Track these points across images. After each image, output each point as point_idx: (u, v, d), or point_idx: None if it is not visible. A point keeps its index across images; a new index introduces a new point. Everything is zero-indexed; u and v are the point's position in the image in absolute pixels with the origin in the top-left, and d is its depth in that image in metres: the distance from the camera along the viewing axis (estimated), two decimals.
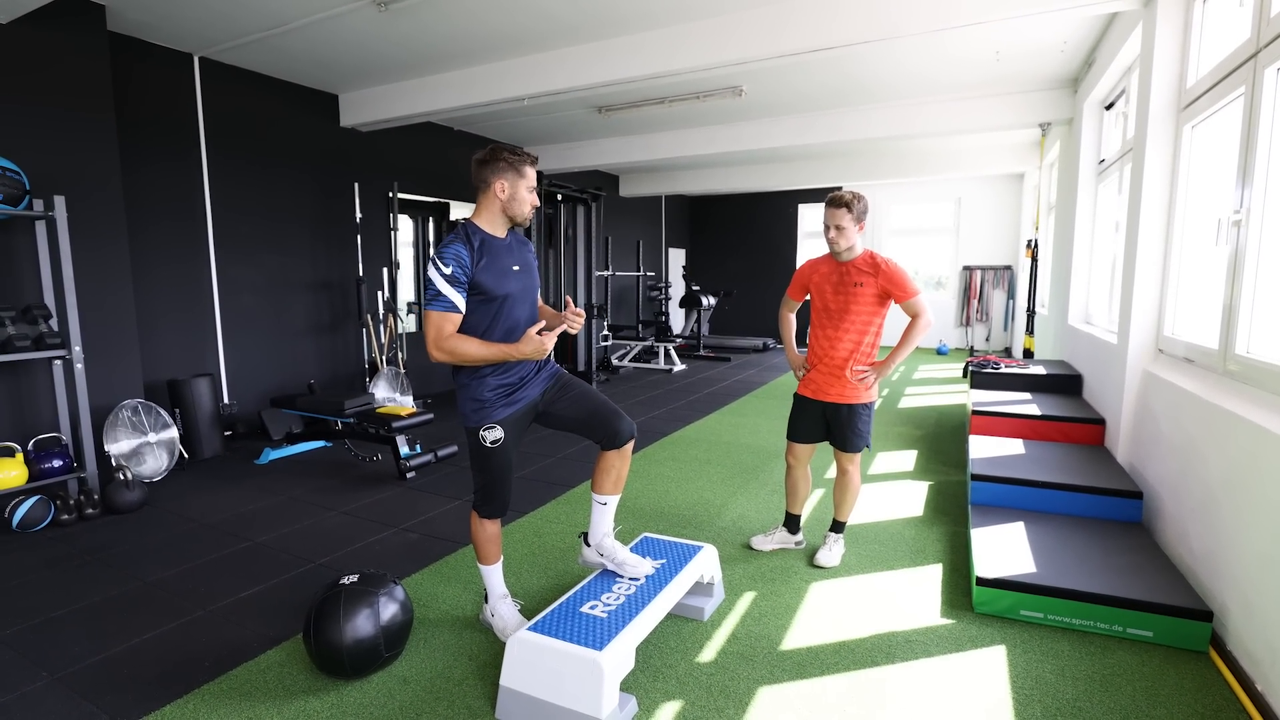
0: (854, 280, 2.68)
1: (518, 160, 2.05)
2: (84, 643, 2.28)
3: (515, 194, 2.06)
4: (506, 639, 2.19)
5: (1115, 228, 4.52)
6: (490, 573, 2.31)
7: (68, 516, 3.38)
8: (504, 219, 2.11)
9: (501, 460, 2.16)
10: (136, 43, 4.52)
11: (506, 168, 2.04)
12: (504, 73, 5.11)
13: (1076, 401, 4.35)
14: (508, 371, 2.12)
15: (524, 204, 2.08)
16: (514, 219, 2.11)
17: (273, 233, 5.50)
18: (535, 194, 2.12)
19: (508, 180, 2.05)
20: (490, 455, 2.14)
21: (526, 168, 2.07)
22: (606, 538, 2.32)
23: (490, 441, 2.12)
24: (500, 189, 2.05)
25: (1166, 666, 2.10)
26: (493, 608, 2.32)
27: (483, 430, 2.11)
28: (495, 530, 2.27)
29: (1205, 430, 2.41)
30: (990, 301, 10.57)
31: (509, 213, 2.09)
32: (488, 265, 2.03)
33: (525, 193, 2.08)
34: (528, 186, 2.08)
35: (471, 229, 2.07)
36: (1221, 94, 2.65)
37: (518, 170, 2.05)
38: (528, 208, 2.10)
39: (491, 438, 2.11)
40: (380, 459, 4.48)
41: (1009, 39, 4.70)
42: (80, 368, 3.55)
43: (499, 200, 2.06)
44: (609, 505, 2.30)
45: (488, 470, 2.17)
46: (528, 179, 2.08)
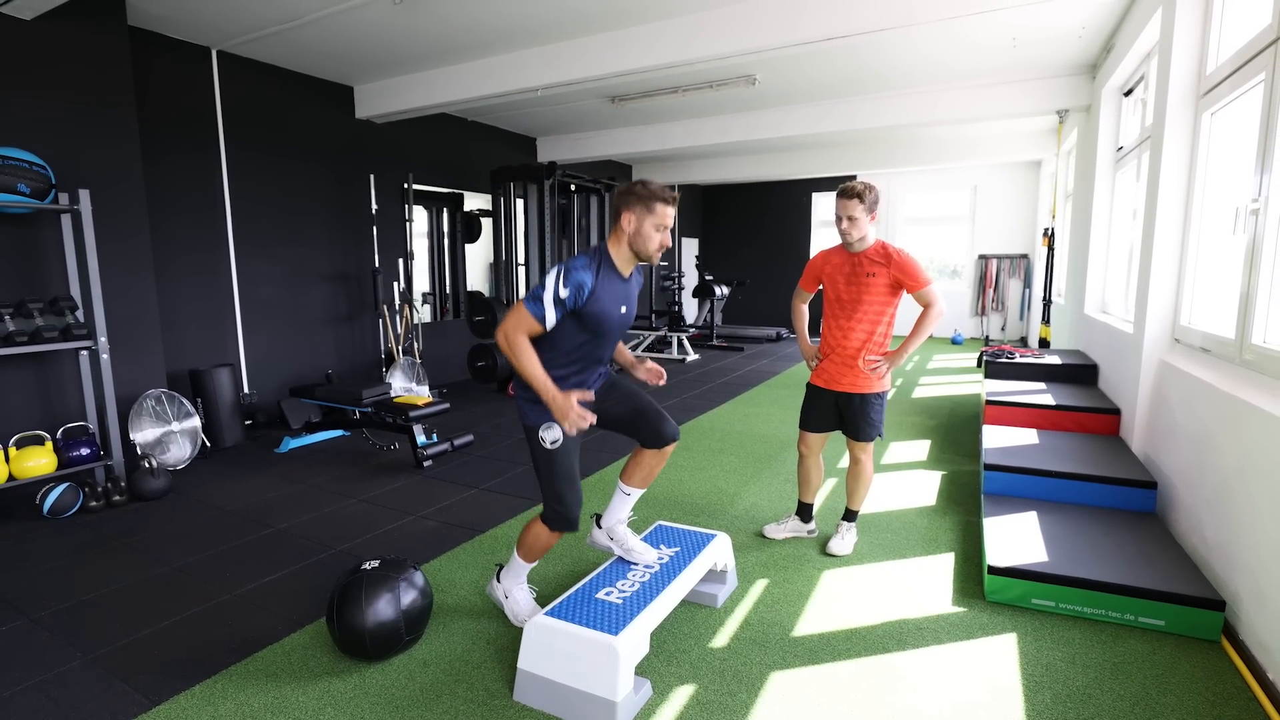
0: (866, 271, 2.69)
1: (650, 197, 2.01)
2: (115, 625, 2.35)
3: (640, 229, 2.03)
4: (519, 623, 2.26)
5: (1133, 216, 4.47)
6: (524, 568, 2.32)
7: (96, 503, 3.47)
8: (630, 253, 2.08)
9: (564, 464, 2.11)
10: (156, 37, 4.58)
11: (637, 202, 2.02)
12: (519, 63, 5.12)
13: (1092, 391, 4.33)
14: (565, 380, 2.10)
15: (649, 241, 2.04)
16: (638, 255, 2.08)
17: (290, 224, 5.57)
18: (666, 233, 2.06)
19: (635, 215, 2.02)
20: (552, 459, 2.10)
21: (658, 205, 2.02)
22: (620, 524, 2.35)
23: (550, 442, 2.08)
24: (627, 221, 2.03)
25: (1178, 655, 2.11)
26: (508, 589, 2.34)
27: (541, 431, 2.08)
28: (553, 542, 2.24)
29: (1220, 420, 2.41)
30: (1006, 290, 10.47)
31: (634, 247, 2.06)
32: (599, 301, 2.02)
33: (652, 230, 2.03)
34: (655, 224, 2.03)
35: (605, 260, 2.06)
36: (1241, 81, 2.61)
37: (648, 206, 2.01)
38: (654, 245, 2.05)
39: (550, 438, 2.07)
40: (397, 448, 4.55)
41: (1026, 24, 4.64)
42: (106, 358, 3.64)
43: (625, 233, 2.05)
44: (632, 497, 2.34)
45: (551, 476, 2.12)
46: (657, 216, 2.02)
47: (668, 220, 2.05)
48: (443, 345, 7.12)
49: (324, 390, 4.66)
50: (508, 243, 6.51)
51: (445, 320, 7.51)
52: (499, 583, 2.37)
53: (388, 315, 5.95)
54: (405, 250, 6.19)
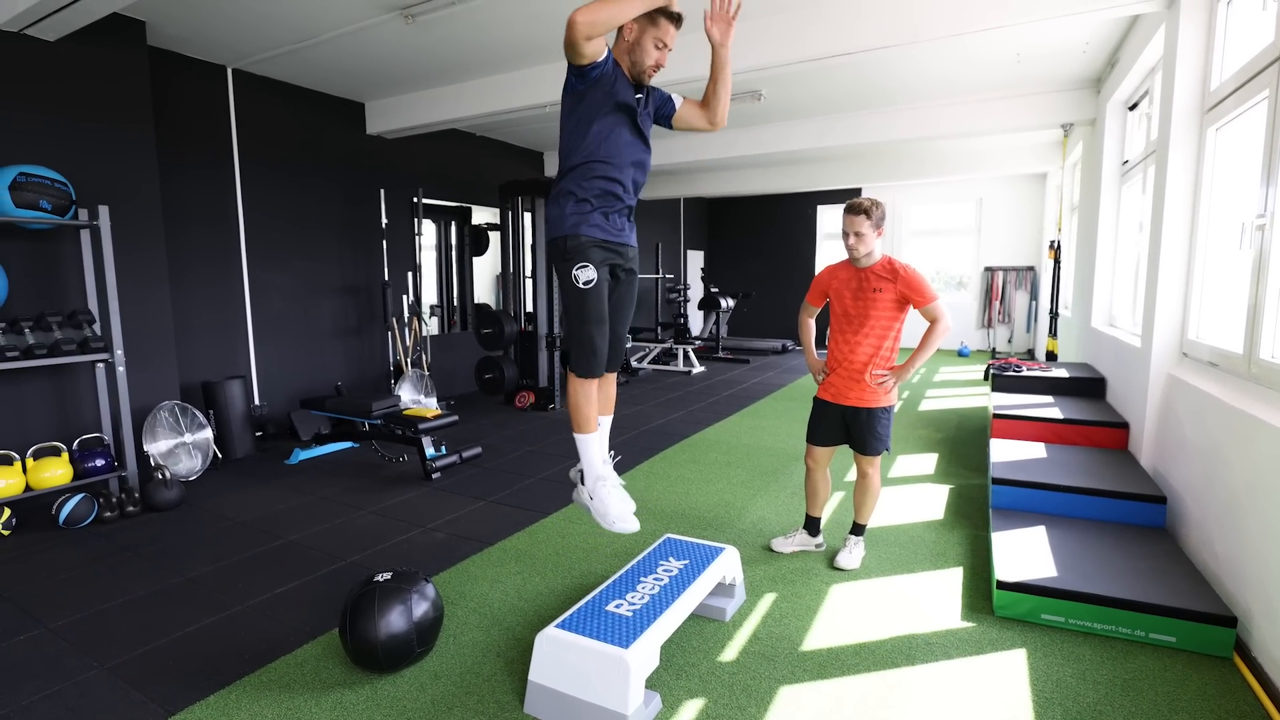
0: (873, 286, 2.71)
1: (657, 11, 1.93)
2: (131, 635, 2.38)
3: (640, 40, 1.97)
4: (609, 526, 2.13)
5: (1139, 229, 4.48)
6: (588, 443, 2.16)
7: (110, 514, 3.51)
8: (628, 63, 2.01)
9: (596, 306, 2.06)
10: (173, 56, 4.67)
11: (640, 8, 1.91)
12: (527, 80, 5.19)
13: (1100, 405, 4.33)
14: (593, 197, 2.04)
15: (646, 54, 1.98)
16: (633, 65, 2.01)
17: (301, 238, 5.64)
18: (664, 54, 1.99)
19: (637, 23, 1.95)
20: (584, 299, 2.04)
21: (663, 20, 1.95)
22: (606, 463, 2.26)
23: (583, 282, 2.02)
24: (628, 30, 1.96)
25: (1190, 672, 2.11)
26: (592, 489, 2.17)
27: (575, 269, 2.02)
28: (594, 391, 2.13)
29: (1229, 435, 2.41)
30: (1013, 303, 10.47)
31: (631, 57, 2.00)
32: (615, 80, 1.98)
33: (650, 44, 1.97)
34: (655, 39, 1.96)
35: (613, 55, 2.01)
36: (1245, 97, 2.64)
37: (652, 18, 1.94)
38: (649, 61, 1.99)
39: (584, 277, 2.02)
40: (406, 460, 4.58)
41: (1030, 41, 4.68)
42: (122, 370, 3.69)
43: (624, 41, 1.99)
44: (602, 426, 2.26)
45: (582, 318, 2.05)
46: (659, 29, 1.95)
47: (668, 38, 1.99)
48: (450, 358, 7.17)
49: (334, 402, 4.70)
50: (515, 256, 6.57)
51: (453, 333, 7.57)
52: (582, 485, 2.23)
53: (396, 328, 6.00)
54: (414, 264, 6.25)
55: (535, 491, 3.94)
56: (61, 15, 3.36)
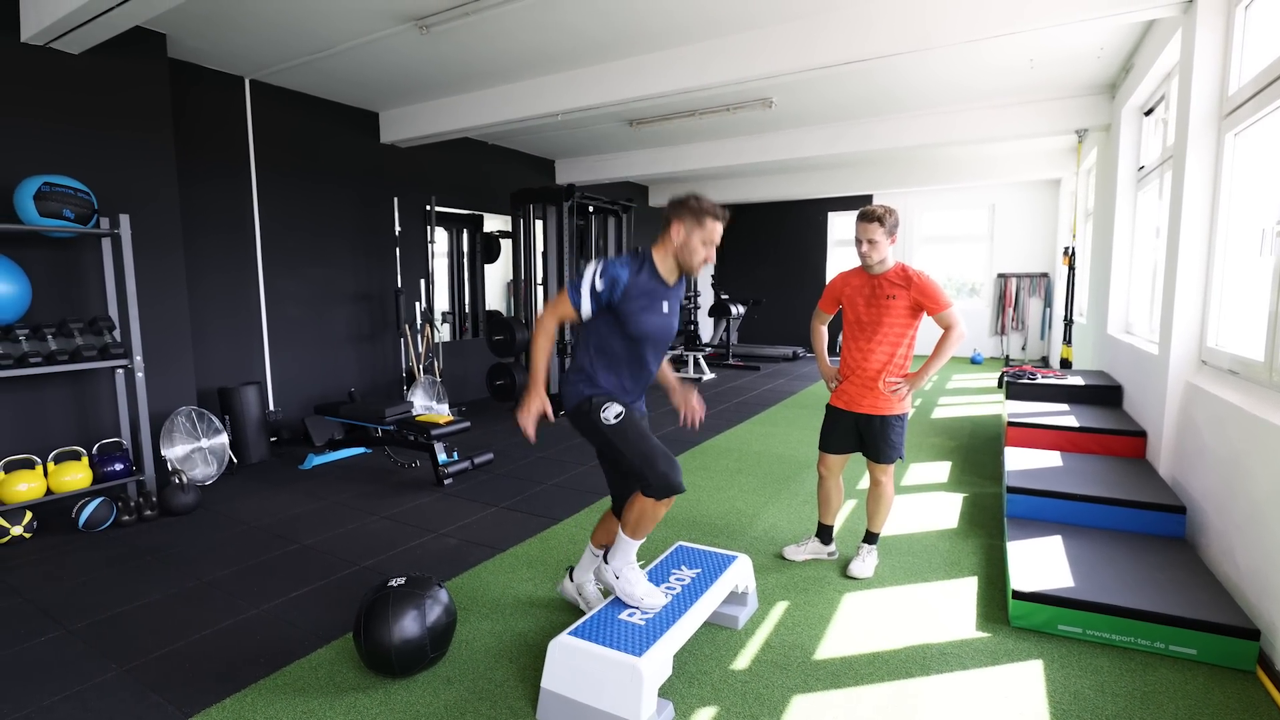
0: (886, 293, 2.70)
1: (701, 212, 2.08)
2: (148, 637, 2.41)
3: (688, 242, 2.10)
4: (634, 602, 2.15)
5: (1156, 234, 4.44)
6: (632, 546, 2.21)
7: (128, 518, 3.55)
8: (674, 263, 2.14)
9: (637, 430, 2.09)
10: (192, 67, 4.75)
11: (688, 214, 2.09)
12: (539, 89, 5.24)
13: (1116, 413, 4.28)
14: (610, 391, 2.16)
15: (695, 254, 2.11)
16: (681, 265, 2.14)
17: (316, 245, 5.70)
18: (712, 249, 2.13)
19: (685, 226, 2.09)
20: (624, 431, 2.07)
21: (708, 220, 2.09)
22: (590, 583, 2.51)
23: (614, 416, 2.08)
24: (676, 232, 2.10)
25: (1211, 685, 2.08)
26: (618, 570, 2.20)
27: (601, 412, 2.08)
28: (661, 513, 2.15)
29: (1250, 444, 2.38)
30: (1026, 310, 10.38)
31: (679, 258, 2.13)
32: (634, 301, 2.08)
33: (698, 244, 2.10)
34: (703, 239, 2.10)
35: (648, 264, 2.13)
36: (1265, 101, 2.61)
37: (698, 220, 2.08)
38: (698, 259, 2.11)
39: (613, 413, 2.08)
40: (419, 465, 4.60)
41: (1044, 46, 4.66)
42: (140, 376, 3.74)
43: (673, 243, 2.12)
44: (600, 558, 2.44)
45: (634, 445, 2.07)
46: (706, 231, 2.09)
47: (715, 236, 2.12)
48: (462, 364, 7.21)
49: (347, 408, 4.73)
50: (526, 263, 6.60)
51: (465, 339, 7.60)
52: (607, 565, 2.25)
53: (409, 334, 6.05)
54: (427, 270, 6.30)
55: (547, 498, 3.95)
56: (86, 29, 3.43)
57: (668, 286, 2.16)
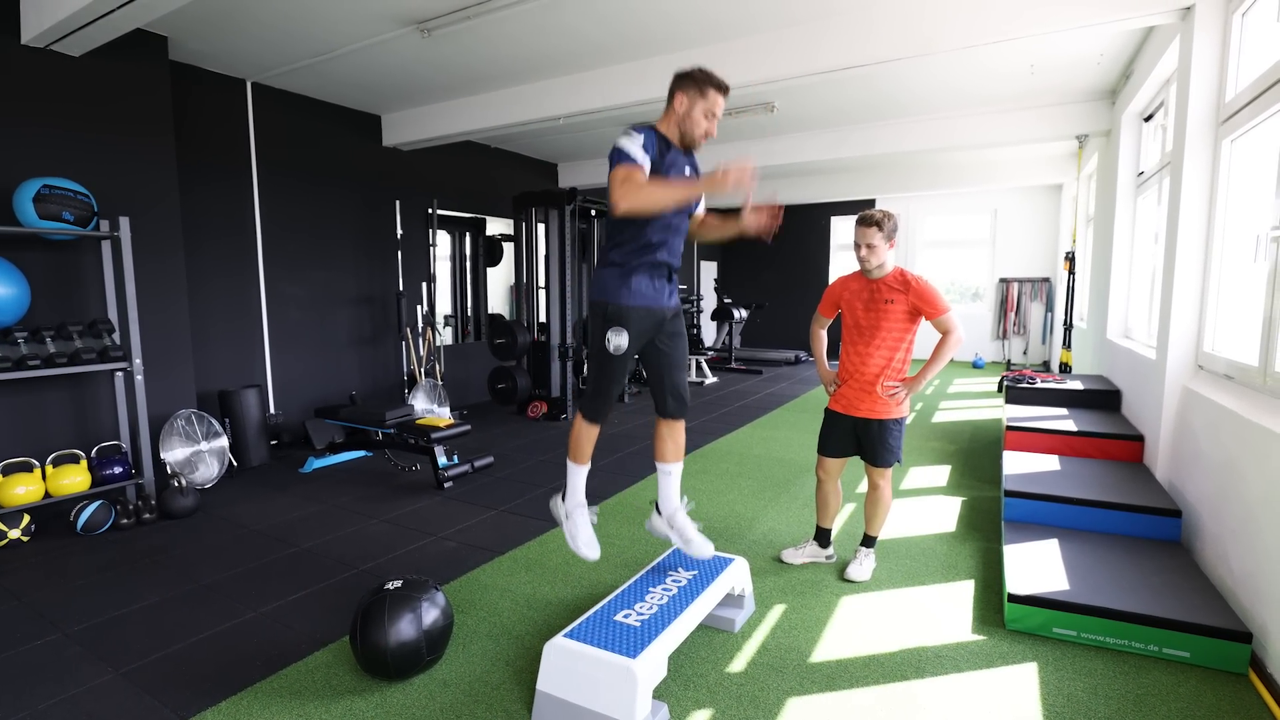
0: (885, 297, 2.71)
1: (705, 81, 2.08)
2: (145, 640, 2.41)
3: (690, 112, 2.10)
4: (574, 547, 2.35)
5: (1155, 240, 4.45)
6: (577, 473, 2.37)
7: (127, 521, 3.56)
8: (678, 133, 2.14)
9: (618, 370, 2.21)
10: (194, 70, 4.78)
11: (691, 84, 2.09)
12: (542, 93, 5.26)
13: (1115, 417, 4.28)
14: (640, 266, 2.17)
15: (696, 125, 2.11)
16: (684, 136, 2.14)
17: (318, 249, 5.72)
18: (714, 122, 2.13)
19: (688, 97, 2.09)
20: (610, 361, 2.18)
21: (711, 91, 2.09)
22: (679, 512, 2.45)
23: (614, 346, 2.15)
24: (679, 103, 2.10)
25: (1204, 688, 2.08)
26: (569, 509, 2.39)
27: (609, 333, 2.14)
28: (595, 433, 2.34)
29: (1245, 448, 2.38)
30: (1028, 314, 10.38)
31: (682, 128, 2.13)
32: (666, 159, 2.09)
33: (700, 115, 2.10)
34: (705, 110, 2.10)
35: (658, 132, 2.12)
36: (1260, 109, 2.62)
37: (701, 90, 2.08)
38: (699, 130, 2.11)
39: (616, 342, 2.14)
40: (419, 469, 4.61)
41: (1044, 52, 4.68)
42: (140, 379, 3.75)
43: (676, 114, 2.12)
44: (673, 474, 2.44)
45: (603, 375, 2.23)
46: (708, 101, 2.09)
47: (717, 108, 2.12)
48: (464, 367, 7.22)
49: (348, 411, 4.75)
50: (529, 267, 6.62)
51: (467, 343, 7.62)
52: (561, 502, 2.43)
53: (411, 338, 6.06)
54: (428, 274, 6.32)
55: (546, 501, 3.94)
56: (86, 31, 3.45)
57: (682, 152, 2.17)
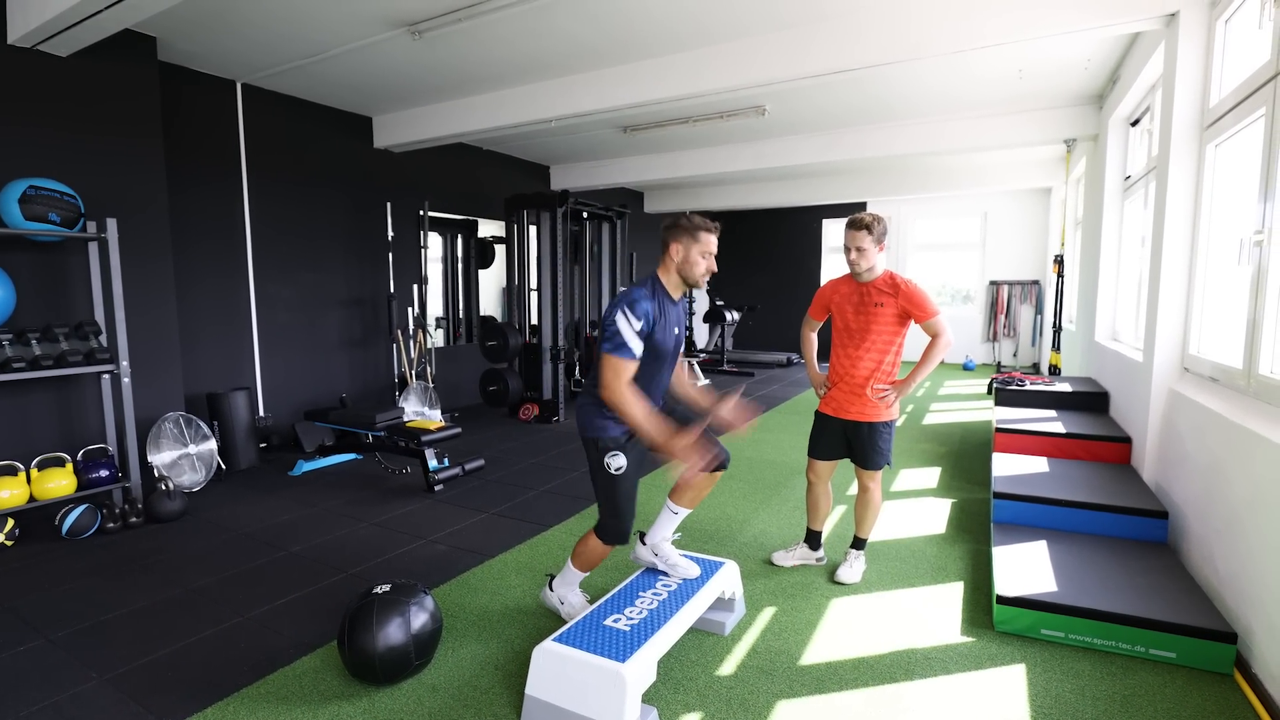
0: (874, 300, 2.72)
1: (694, 228, 2.19)
2: (131, 645, 2.39)
3: (688, 257, 2.19)
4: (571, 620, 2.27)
5: (1141, 243, 4.49)
6: (577, 576, 2.48)
7: (113, 525, 3.53)
8: (678, 279, 2.24)
9: (626, 486, 2.26)
10: (183, 70, 4.75)
11: (683, 233, 2.19)
12: (533, 95, 5.25)
13: (1103, 419, 4.31)
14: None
15: (696, 267, 2.20)
16: (686, 280, 2.23)
17: (308, 250, 5.69)
18: (711, 260, 2.22)
19: (683, 245, 2.19)
20: (615, 482, 2.24)
21: (703, 234, 2.19)
22: (665, 541, 2.49)
23: (614, 469, 2.22)
24: (675, 251, 2.20)
25: (1190, 688, 2.09)
26: (562, 596, 2.52)
27: (607, 458, 2.21)
28: (605, 554, 2.39)
29: (1229, 450, 2.40)
30: (1018, 317, 10.45)
31: (682, 274, 2.22)
32: (660, 327, 2.17)
33: (698, 257, 2.19)
34: (701, 251, 2.20)
35: (658, 286, 2.22)
36: (1243, 114, 2.65)
37: (693, 235, 2.18)
38: (700, 271, 2.21)
39: (615, 465, 2.21)
40: (409, 472, 4.59)
41: (1032, 57, 4.72)
42: (127, 382, 3.72)
43: (674, 262, 2.21)
44: (679, 516, 2.51)
45: (613, 495, 2.27)
46: (702, 244, 2.19)
47: (712, 247, 2.22)
48: (455, 369, 7.20)
49: (337, 414, 4.72)
50: (520, 269, 6.61)
51: (458, 345, 7.60)
52: (551, 591, 2.54)
53: (401, 340, 6.04)
54: (420, 276, 6.30)
55: (537, 504, 3.94)
56: (74, 31, 3.43)
57: (675, 303, 2.27)
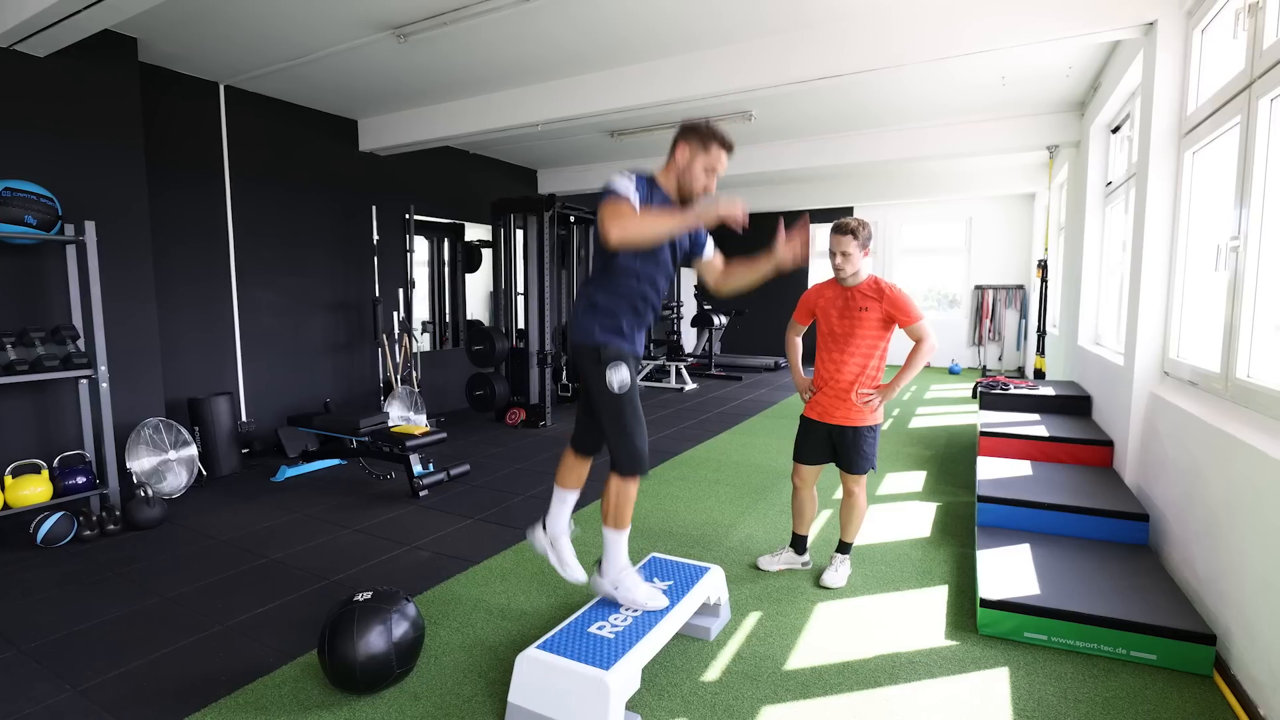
0: (859, 305, 2.73)
1: (709, 136, 2.07)
2: (105, 656, 2.34)
3: (690, 165, 2.08)
4: (641, 608, 2.16)
5: (1123, 249, 4.54)
6: (620, 541, 2.21)
7: (90, 532, 3.46)
8: (675, 185, 2.12)
9: (633, 405, 2.10)
10: (165, 72, 4.70)
11: (695, 138, 2.07)
12: (519, 99, 5.25)
13: (1086, 423, 4.35)
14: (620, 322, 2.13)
15: (696, 179, 2.09)
16: (682, 189, 2.12)
17: (292, 254, 5.64)
18: (714, 178, 2.11)
19: (690, 149, 2.08)
20: (622, 402, 2.07)
21: (714, 147, 2.08)
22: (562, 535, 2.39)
23: (619, 385, 2.06)
24: (682, 154, 2.09)
25: (1170, 690, 2.11)
26: (616, 580, 2.20)
27: (610, 372, 2.05)
28: (635, 491, 2.18)
29: (1208, 453, 2.43)
30: (1003, 321, 10.53)
31: (680, 181, 2.11)
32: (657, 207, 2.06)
33: (700, 170, 2.08)
34: (706, 165, 2.08)
35: (655, 184, 2.11)
36: (1219, 122, 2.70)
37: (705, 145, 2.07)
38: (699, 185, 2.10)
39: (619, 379, 2.06)
40: (394, 477, 4.55)
41: (1015, 64, 4.76)
42: (105, 387, 3.66)
43: (677, 165, 2.10)
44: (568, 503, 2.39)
45: (623, 420, 2.08)
46: (710, 156, 2.08)
47: (719, 165, 2.10)
48: (442, 374, 7.16)
49: (321, 419, 4.68)
50: (507, 273, 6.59)
51: (445, 349, 7.56)
52: (602, 576, 2.26)
53: (387, 344, 6.00)
54: (405, 280, 6.25)
55: (523, 510, 3.92)
56: (52, 31, 3.38)
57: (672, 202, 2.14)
